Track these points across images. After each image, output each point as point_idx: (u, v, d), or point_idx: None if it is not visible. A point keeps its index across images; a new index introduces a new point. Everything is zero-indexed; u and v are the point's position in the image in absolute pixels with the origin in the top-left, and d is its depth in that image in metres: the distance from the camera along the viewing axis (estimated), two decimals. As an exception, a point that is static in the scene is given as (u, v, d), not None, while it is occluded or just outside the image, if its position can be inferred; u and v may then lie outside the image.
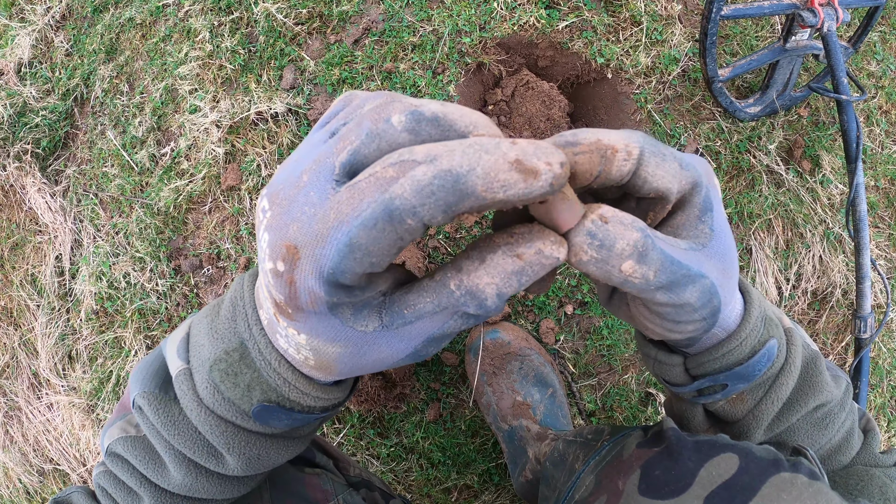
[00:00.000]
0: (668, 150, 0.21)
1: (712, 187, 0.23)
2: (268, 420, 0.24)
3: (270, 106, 0.74)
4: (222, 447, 0.24)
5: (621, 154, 0.19)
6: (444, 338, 0.20)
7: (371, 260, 0.17)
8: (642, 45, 0.75)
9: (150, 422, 0.25)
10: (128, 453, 0.26)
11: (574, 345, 0.73)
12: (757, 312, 0.26)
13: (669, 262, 0.20)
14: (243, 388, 0.23)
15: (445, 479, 0.74)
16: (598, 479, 0.34)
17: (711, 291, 0.22)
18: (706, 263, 0.22)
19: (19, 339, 0.88)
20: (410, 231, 0.16)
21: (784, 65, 0.73)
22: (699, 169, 0.22)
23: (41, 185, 0.84)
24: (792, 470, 0.25)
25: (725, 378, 0.27)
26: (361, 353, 0.20)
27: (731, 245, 0.24)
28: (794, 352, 0.28)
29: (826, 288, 0.79)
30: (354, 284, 0.18)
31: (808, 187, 0.78)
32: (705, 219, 0.22)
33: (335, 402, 0.25)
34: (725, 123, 0.76)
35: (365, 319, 0.19)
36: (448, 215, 0.16)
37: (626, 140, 0.20)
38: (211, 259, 0.75)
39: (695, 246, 0.22)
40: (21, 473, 0.90)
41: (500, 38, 0.73)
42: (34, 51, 0.88)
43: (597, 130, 0.20)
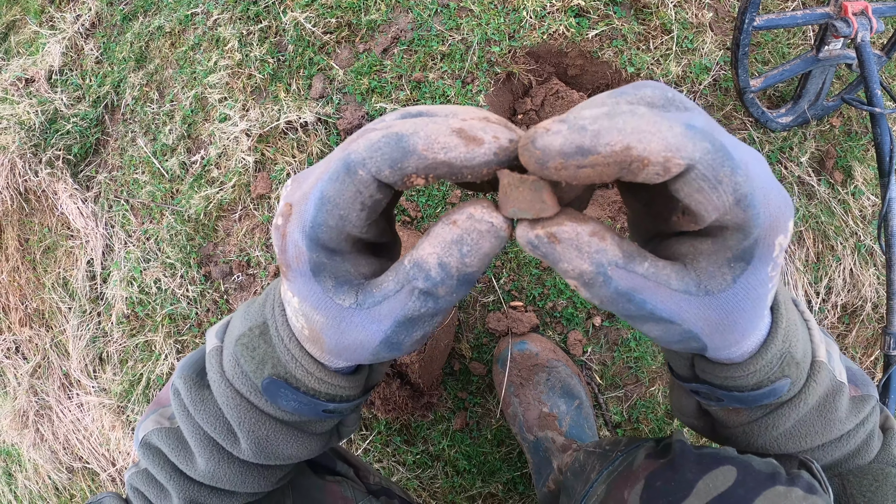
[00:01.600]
0: (737, 172, 0.17)
1: (766, 242, 0.18)
2: (275, 396, 0.25)
3: (300, 115, 0.74)
4: (235, 424, 0.25)
5: (654, 168, 0.16)
6: (411, 323, 0.21)
7: (339, 212, 0.19)
8: (673, 53, 0.74)
9: (182, 403, 0.27)
10: (161, 442, 0.28)
11: (601, 356, 0.73)
12: (774, 352, 0.23)
13: (627, 300, 0.19)
14: (258, 361, 0.24)
15: (470, 487, 0.74)
16: (609, 489, 0.34)
17: (687, 336, 0.20)
18: (694, 311, 0.19)
19: (51, 340, 0.90)
20: (364, 183, 0.18)
21: (816, 75, 0.72)
22: (762, 216, 0.18)
23: (73, 191, 0.86)
24: (788, 483, 0.25)
25: (723, 395, 0.26)
26: (341, 330, 0.21)
27: (749, 306, 0.20)
28: (811, 390, 0.26)
29: (856, 302, 0.78)
30: (333, 246, 0.20)
31: (840, 199, 0.77)
32: (735, 266, 0.19)
33: (339, 393, 0.25)
34: (757, 133, 0.75)
35: (344, 294, 0.21)
36: (395, 171, 0.18)
37: (670, 153, 0.16)
38: (241, 266, 0.76)
39: (694, 289, 0.19)
40: (51, 470, 0.93)
41: (530, 48, 0.73)
42: (64, 58, 0.89)
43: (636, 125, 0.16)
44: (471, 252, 0.18)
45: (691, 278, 0.19)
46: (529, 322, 0.70)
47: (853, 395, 0.29)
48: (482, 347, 0.73)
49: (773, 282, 0.20)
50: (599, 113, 0.16)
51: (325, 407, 0.26)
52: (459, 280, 0.19)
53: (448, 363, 0.73)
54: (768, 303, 0.21)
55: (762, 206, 0.17)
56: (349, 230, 0.19)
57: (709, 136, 0.16)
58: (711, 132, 0.17)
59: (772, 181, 0.18)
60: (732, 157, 0.17)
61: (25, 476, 0.94)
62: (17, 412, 0.91)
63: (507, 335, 0.70)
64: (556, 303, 0.72)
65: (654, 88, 0.18)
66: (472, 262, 0.18)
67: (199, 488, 0.28)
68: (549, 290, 0.72)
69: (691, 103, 0.18)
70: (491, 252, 0.19)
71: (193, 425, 0.27)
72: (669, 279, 0.19)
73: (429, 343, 0.63)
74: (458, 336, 0.72)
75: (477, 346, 0.73)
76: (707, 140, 0.16)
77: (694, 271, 0.19)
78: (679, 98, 0.18)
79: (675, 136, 0.16)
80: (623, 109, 0.16)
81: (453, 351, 0.73)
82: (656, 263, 0.19)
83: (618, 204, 0.74)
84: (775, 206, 0.18)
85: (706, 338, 0.21)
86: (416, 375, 0.66)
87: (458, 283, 0.19)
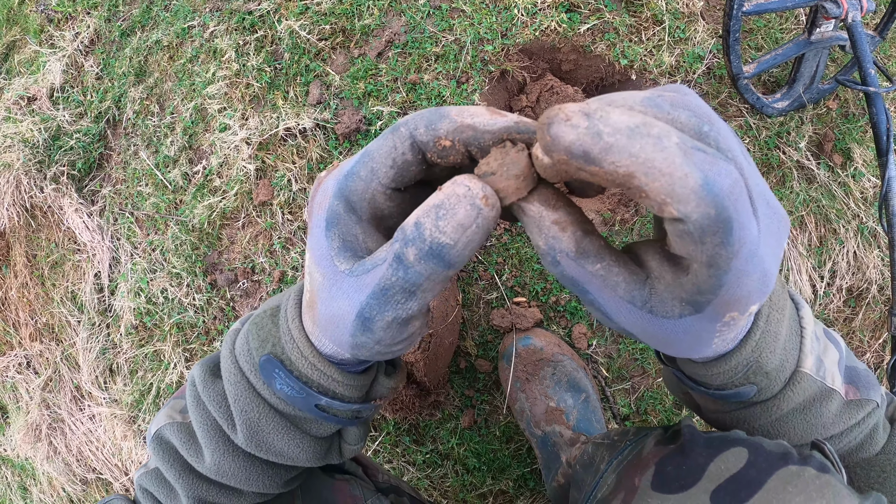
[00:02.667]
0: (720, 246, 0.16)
1: (717, 311, 0.18)
2: (270, 377, 0.25)
3: (298, 122, 0.75)
4: (232, 402, 0.26)
5: (648, 202, 0.15)
6: (384, 296, 0.20)
7: (372, 165, 0.21)
8: (665, 44, 0.75)
9: (195, 390, 0.28)
10: (172, 436, 0.29)
11: (607, 349, 0.73)
12: (737, 363, 0.23)
13: (571, 284, 0.20)
14: (261, 339, 0.26)
15: (481, 485, 0.74)
16: (619, 477, 0.34)
17: (625, 332, 0.21)
18: (631, 318, 0.19)
19: (61, 353, 0.91)
20: (401, 138, 0.20)
21: (810, 58, 0.72)
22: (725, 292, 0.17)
23: (78, 206, 0.87)
24: (801, 463, 0.25)
25: (691, 385, 0.27)
26: (331, 295, 0.22)
27: (689, 343, 0.20)
28: (786, 397, 0.26)
29: (861, 284, 0.77)
30: (355, 200, 0.21)
31: (840, 181, 0.77)
32: (685, 307, 0.18)
33: (332, 387, 0.25)
34: (753, 120, 0.75)
35: (343, 258, 0.22)
36: (429, 130, 0.20)
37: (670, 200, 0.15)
38: (246, 273, 0.77)
39: (638, 304, 0.19)
40: (65, 483, 0.94)
41: (523, 45, 0.74)
42: (65, 76, 0.91)
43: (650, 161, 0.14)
44: (446, 216, 0.18)
45: (640, 294, 0.19)
46: (533, 317, 0.70)
47: (851, 398, 0.29)
48: (487, 344, 0.73)
49: (724, 332, 0.20)
50: (624, 125, 0.15)
51: (318, 401, 0.26)
52: (431, 248, 0.18)
53: (454, 361, 0.73)
54: (713, 343, 0.21)
55: (731, 284, 0.17)
56: (375, 186, 0.21)
57: (720, 203, 0.15)
58: (726, 199, 0.15)
59: (758, 268, 0.17)
60: (730, 234, 0.16)
61: (40, 489, 0.95)
62: (30, 426, 0.92)
63: (511, 331, 0.70)
64: (559, 297, 0.72)
65: (693, 115, 0.16)
66: (446, 228, 0.18)
67: (207, 486, 0.28)
68: (551, 284, 0.73)
69: (730, 141, 0.16)
70: (465, 221, 0.18)
71: (203, 411, 0.27)
72: (617, 286, 0.19)
73: (433, 341, 0.64)
74: (462, 334, 0.73)
75: (482, 344, 0.73)
76: (715, 207, 0.15)
77: (649, 289, 0.19)
78: (715, 133, 0.16)
79: (684, 188, 0.15)
80: (652, 132, 0.15)
81: (458, 349, 0.73)
82: (610, 268, 0.19)
83: (617, 196, 0.74)
84: (744, 290, 0.18)
85: (645, 340, 0.21)
86: (422, 374, 0.66)
87: (428, 251, 0.19)
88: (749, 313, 0.19)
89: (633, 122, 0.15)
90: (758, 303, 0.19)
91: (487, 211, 0.18)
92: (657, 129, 0.15)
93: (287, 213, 0.77)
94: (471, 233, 0.18)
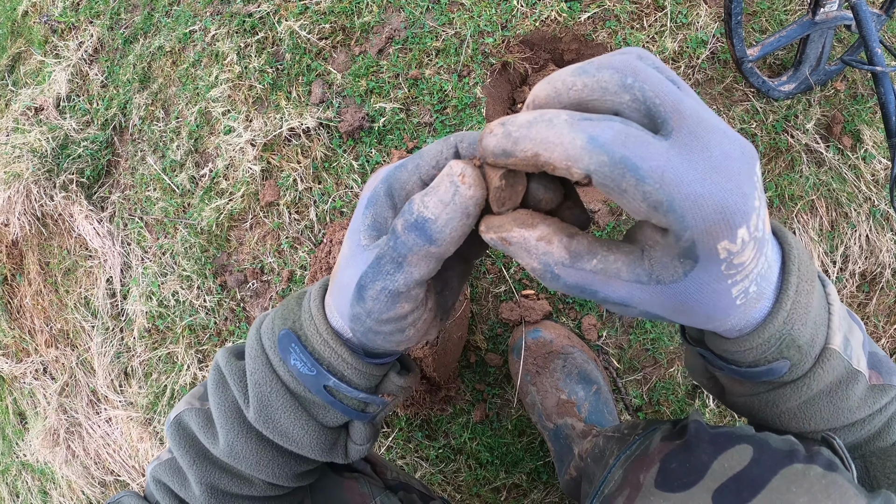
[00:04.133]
0: (644, 182, 0.17)
1: (704, 246, 0.18)
2: (287, 351, 0.26)
3: (302, 121, 0.75)
4: (248, 374, 0.27)
5: (561, 172, 0.18)
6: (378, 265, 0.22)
7: (419, 160, 0.23)
8: (668, 29, 0.74)
9: (219, 369, 0.29)
10: (191, 420, 0.30)
11: (617, 340, 0.73)
12: (770, 334, 0.23)
13: (578, 291, 0.21)
14: (284, 317, 0.27)
15: (494, 479, 0.75)
16: (625, 473, 0.34)
17: (647, 315, 0.21)
18: (646, 297, 0.20)
19: (76, 358, 0.92)
20: (450, 146, 0.23)
21: (815, 39, 0.71)
22: (689, 220, 0.18)
23: (88, 213, 0.89)
24: (807, 461, 0.25)
25: (722, 365, 0.26)
26: (348, 264, 0.24)
27: (707, 299, 0.20)
28: (817, 376, 0.25)
29: (874, 269, 0.76)
30: (397, 188, 0.23)
31: (851, 164, 0.75)
32: (684, 262, 0.19)
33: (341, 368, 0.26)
34: (759, 104, 0.74)
35: (368, 236, 0.24)
36: (471, 147, 0.23)
37: (569, 162, 0.17)
38: (255, 273, 0.78)
39: (645, 279, 0.19)
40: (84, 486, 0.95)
41: (523, 36, 0.73)
42: (71, 85, 0.92)
43: (546, 136, 0.18)
44: (431, 193, 0.21)
45: (643, 269, 0.19)
46: (542, 310, 0.70)
47: (873, 383, 0.28)
48: (497, 338, 0.73)
49: (738, 277, 0.20)
50: (524, 120, 0.19)
51: (327, 381, 0.26)
52: (415, 221, 0.21)
53: (464, 355, 0.73)
54: (736, 294, 0.21)
55: (688, 212, 0.17)
56: (415, 179, 0.23)
57: (608, 150, 0.17)
58: (612, 145, 0.17)
59: (707, 189, 0.18)
60: (638, 168, 0.17)
61: (60, 493, 0.97)
62: (48, 431, 0.94)
63: (520, 324, 0.70)
64: (567, 289, 0.72)
65: (615, 72, 0.18)
66: (429, 203, 0.20)
67: (220, 473, 0.29)
68: (559, 276, 0.72)
69: (657, 86, 0.18)
70: (444, 198, 0.20)
71: (223, 391, 0.28)
72: (619, 272, 0.20)
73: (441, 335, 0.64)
74: (471, 328, 0.73)
75: (491, 337, 0.73)
76: (605, 153, 0.17)
77: (648, 261, 0.20)
78: (640, 83, 0.18)
79: (574, 148, 0.17)
80: (545, 118, 0.18)
81: (468, 343, 0.73)
82: (606, 258, 0.20)
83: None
84: (709, 213, 0.18)
85: (669, 317, 0.21)
86: (431, 369, 0.66)
87: (413, 224, 0.21)
88: (744, 241, 0.19)
89: (531, 116, 0.19)
90: (741, 226, 0.18)
91: (464, 189, 0.20)
92: (549, 115, 0.18)
93: (294, 213, 0.77)
94: (451, 210, 0.20)
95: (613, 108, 0.18)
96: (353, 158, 0.76)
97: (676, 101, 0.18)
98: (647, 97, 0.18)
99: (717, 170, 0.18)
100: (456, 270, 0.27)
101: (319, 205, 0.76)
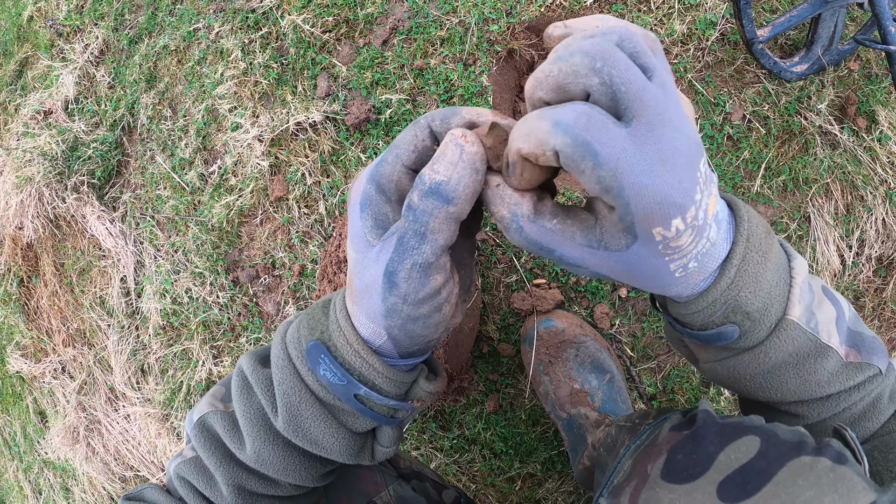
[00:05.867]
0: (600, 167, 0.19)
1: (642, 229, 0.21)
2: (315, 362, 0.26)
3: (308, 115, 0.75)
4: (276, 384, 0.27)
5: (543, 159, 0.20)
6: (402, 246, 0.23)
7: (397, 151, 0.24)
8: (675, 11, 0.73)
9: (244, 376, 0.29)
10: (216, 423, 0.30)
11: (630, 328, 0.73)
12: (713, 299, 0.25)
13: (537, 247, 0.23)
14: (311, 327, 0.27)
15: (508, 469, 0.75)
16: (634, 463, 0.34)
17: (598, 276, 0.24)
18: (596, 261, 0.22)
19: (94, 357, 0.94)
20: (421, 127, 0.24)
21: (827, 18, 0.69)
22: (633, 206, 0.20)
23: (100, 213, 0.90)
24: (815, 453, 0.24)
25: (679, 328, 0.28)
26: (364, 266, 0.25)
27: (648, 271, 0.22)
28: (773, 345, 0.26)
29: (891, 253, 0.75)
30: (384, 183, 0.24)
31: (866, 146, 0.74)
32: (626, 236, 0.21)
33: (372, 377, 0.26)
34: (771, 86, 0.73)
35: (375, 235, 0.25)
36: (443, 122, 0.24)
37: (539, 149, 0.20)
38: (266, 269, 0.78)
39: (595, 245, 0.22)
40: (104, 482, 0.97)
41: (529, 22, 0.72)
42: (78, 87, 0.93)
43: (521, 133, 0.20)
44: (438, 159, 0.22)
45: (594, 236, 0.22)
46: (554, 299, 0.70)
47: (851, 360, 0.28)
48: (509, 328, 0.73)
49: (674, 257, 0.22)
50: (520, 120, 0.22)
51: (357, 390, 0.26)
52: (430, 187, 0.22)
53: (476, 346, 0.74)
54: (675, 269, 0.23)
55: (632, 199, 0.20)
56: (399, 169, 0.24)
57: (571, 133, 0.19)
58: (574, 128, 0.19)
59: (652, 180, 0.20)
60: (596, 154, 0.19)
61: (82, 489, 0.99)
62: (68, 429, 0.96)
63: (532, 314, 0.70)
64: (579, 277, 0.72)
65: (586, 55, 0.19)
66: (440, 168, 0.22)
67: (247, 475, 0.29)
68: (570, 265, 0.72)
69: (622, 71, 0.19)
70: (453, 159, 0.22)
71: (248, 399, 0.28)
72: (574, 235, 0.22)
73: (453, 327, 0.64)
74: (483, 318, 0.73)
75: (504, 328, 0.73)
76: (568, 136, 0.19)
77: (599, 229, 0.22)
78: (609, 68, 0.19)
79: (542, 132, 0.20)
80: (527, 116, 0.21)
81: (480, 334, 0.73)
82: (564, 221, 0.22)
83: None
84: (649, 203, 0.20)
85: (617, 279, 0.23)
86: (444, 360, 0.66)
87: (428, 190, 0.22)
88: (678, 230, 0.21)
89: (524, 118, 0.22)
90: (678, 216, 0.21)
91: (469, 146, 0.22)
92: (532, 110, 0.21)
93: (303, 207, 0.78)
94: (460, 168, 0.22)
95: (585, 90, 0.20)
96: (361, 151, 0.76)
97: (640, 91, 0.19)
98: (613, 83, 0.19)
99: (664, 163, 0.20)
100: (464, 246, 0.28)
101: (328, 198, 0.76)
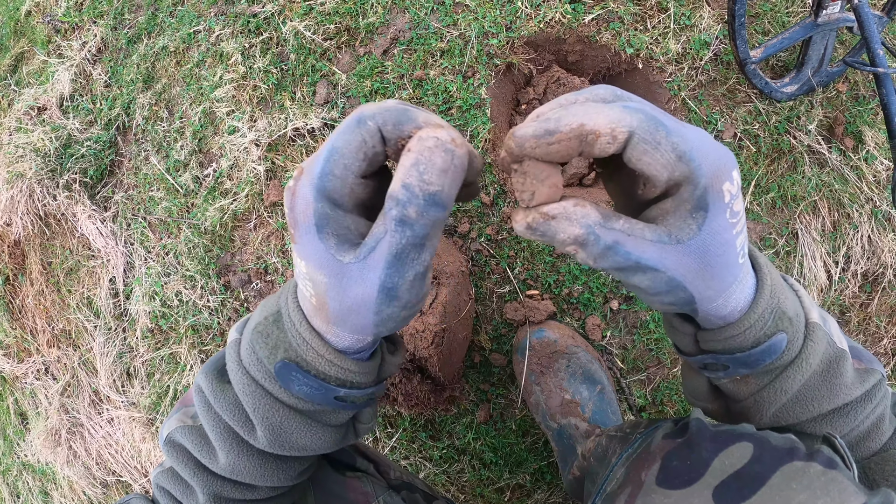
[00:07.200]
0: (671, 135, 0.21)
1: (714, 189, 0.22)
2: (288, 381, 0.26)
3: (306, 122, 0.75)
4: (250, 411, 0.27)
5: (605, 138, 0.21)
6: (400, 260, 0.22)
7: (344, 161, 0.22)
8: (671, 31, 0.74)
9: (204, 397, 0.28)
10: (185, 439, 0.29)
11: (621, 340, 0.73)
12: (764, 306, 0.25)
13: (614, 253, 0.22)
14: (271, 347, 0.26)
15: (498, 479, 0.75)
16: (627, 471, 0.34)
17: (672, 284, 0.23)
18: (672, 259, 0.22)
19: (79, 359, 0.92)
20: (370, 132, 0.22)
21: (817, 40, 0.71)
22: (704, 167, 0.21)
23: (91, 212, 0.88)
24: (807, 459, 0.25)
25: (727, 360, 0.27)
26: (343, 288, 0.23)
27: (720, 250, 0.23)
28: (811, 349, 0.26)
29: (877, 269, 0.77)
30: (337, 197, 0.22)
31: (853, 165, 0.76)
32: (696, 216, 0.22)
33: (350, 378, 0.26)
34: (762, 105, 0.75)
35: (344, 251, 0.23)
36: (395, 128, 0.22)
37: (614, 124, 0.21)
38: (259, 274, 0.78)
39: (667, 239, 0.22)
40: (85, 486, 0.95)
41: (528, 37, 0.74)
42: (74, 85, 0.92)
43: (586, 110, 0.21)
44: (427, 169, 0.21)
45: (663, 231, 0.22)
46: (546, 310, 0.70)
47: (857, 367, 0.28)
48: (501, 338, 0.73)
49: (737, 228, 0.23)
50: (557, 106, 0.22)
51: (337, 393, 0.26)
52: (426, 200, 0.21)
53: (468, 356, 0.74)
54: (739, 248, 0.23)
55: (702, 159, 0.21)
56: (351, 180, 0.22)
57: (641, 110, 0.21)
58: (643, 107, 0.21)
59: (707, 142, 0.22)
60: (665, 124, 0.21)
61: (61, 494, 0.96)
62: (49, 431, 0.93)
63: (524, 324, 0.70)
64: (571, 289, 0.72)
65: (605, 89, 0.23)
66: (432, 178, 0.21)
67: (222, 483, 0.29)
68: (564, 276, 0.72)
69: (637, 98, 0.23)
70: (444, 166, 0.21)
71: (214, 418, 0.28)
72: (644, 232, 0.22)
73: (446, 336, 0.64)
74: (476, 328, 0.73)
75: (496, 338, 0.73)
76: (641, 112, 0.21)
77: (665, 226, 0.23)
78: (626, 95, 0.23)
79: (615, 113, 0.21)
80: (575, 102, 0.22)
81: (473, 343, 0.73)
82: (630, 220, 0.23)
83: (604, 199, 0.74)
84: (714, 158, 0.22)
85: (690, 285, 0.23)
86: (436, 369, 0.66)
87: (425, 203, 0.21)
88: (738, 184, 0.22)
89: (557, 103, 0.23)
90: (733, 168, 0.22)
91: (458, 150, 0.21)
92: (580, 103, 0.22)
93: (297, 213, 0.77)
94: (451, 174, 0.21)
95: None
96: (358, 159, 0.76)
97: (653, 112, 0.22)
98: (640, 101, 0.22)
99: (701, 137, 0.22)
100: None
101: (323, 205, 0.76)
